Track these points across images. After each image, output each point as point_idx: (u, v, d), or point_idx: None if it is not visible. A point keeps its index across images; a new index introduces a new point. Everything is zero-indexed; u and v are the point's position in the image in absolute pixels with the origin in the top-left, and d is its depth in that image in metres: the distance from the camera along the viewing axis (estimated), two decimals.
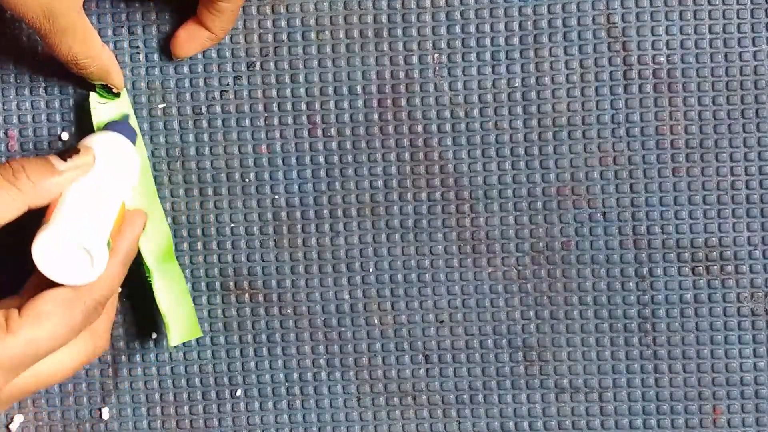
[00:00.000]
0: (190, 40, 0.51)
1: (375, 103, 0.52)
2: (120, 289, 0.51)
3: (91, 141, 0.48)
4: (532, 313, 0.52)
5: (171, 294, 0.51)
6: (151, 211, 0.51)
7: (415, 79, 0.52)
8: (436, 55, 0.51)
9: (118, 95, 0.51)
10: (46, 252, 0.43)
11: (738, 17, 0.51)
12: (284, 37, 0.52)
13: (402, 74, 0.52)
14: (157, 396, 0.53)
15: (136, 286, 0.52)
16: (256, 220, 0.52)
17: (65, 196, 0.45)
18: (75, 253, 0.44)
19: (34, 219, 0.45)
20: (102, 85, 0.51)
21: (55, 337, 0.43)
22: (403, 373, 0.53)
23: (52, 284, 0.44)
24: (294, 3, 0.51)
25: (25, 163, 0.44)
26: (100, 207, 0.45)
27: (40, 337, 0.43)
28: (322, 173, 0.52)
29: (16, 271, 0.51)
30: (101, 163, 0.47)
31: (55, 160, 0.45)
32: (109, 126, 0.50)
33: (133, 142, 0.50)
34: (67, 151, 0.46)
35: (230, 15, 0.50)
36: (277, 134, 0.52)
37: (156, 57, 0.52)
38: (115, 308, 0.50)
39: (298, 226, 0.52)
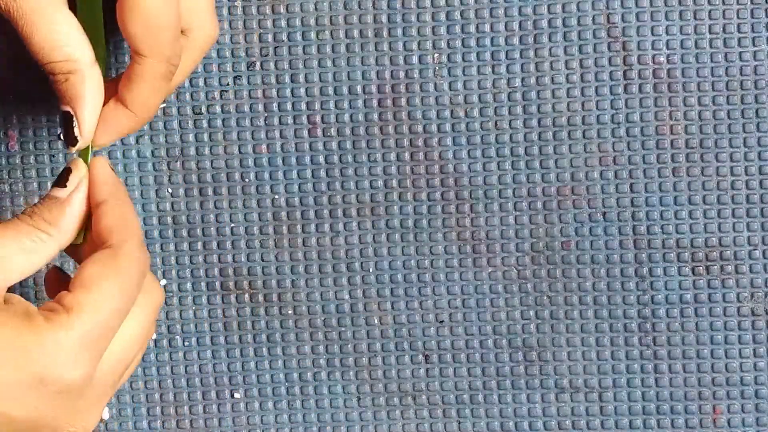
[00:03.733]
0: (105, 122, 0.42)
1: (375, 103, 0.52)
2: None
3: None
4: (532, 313, 0.52)
5: None
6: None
7: (415, 79, 0.52)
8: (436, 55, 0.51)
9: (75, 144, 0.42)
10: None
11: (738, 17, 0.51)
12: (284, 37, 0.52)
13: (402, 74, 0.52)
14: (157, 396, 0.53)
15: None
16: (256, 220, 0.52)
17: None
18: None
19: None
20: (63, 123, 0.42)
21: (116, 298, 0.39)
22: (403, 373, 0.53)
23: None
24: (294, 3, 0.51)
25: (36, 205, 0.41)
26: None
27: (101, 302, 0.39)
28: (322, 173, 0.52)
29: None
30: None
31: (56, 191, 0.41)
32: None
33: None
34: (64, 176, 0.41)
35: (152, 84, 0.41)
36: (277, 134, 0.52)
37: None
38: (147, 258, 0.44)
39: (298, 226, 0.52)
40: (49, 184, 0.52)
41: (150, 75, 0.41)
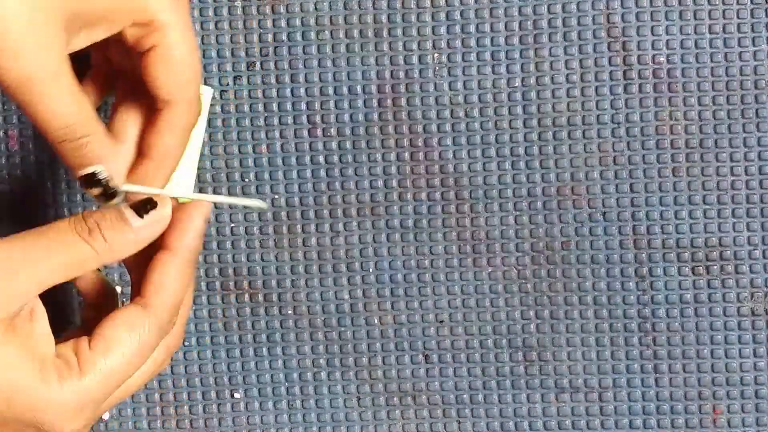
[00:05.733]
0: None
1: (375, 103, 0.52)
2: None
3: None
4: (532, 313, 0.52)
5: None
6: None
7: (415, 79, 0.52)
8: (436, 55, 0.51)
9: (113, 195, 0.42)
10: None
11: (738, 17, 0.51)
12: (284, 37, 0.52)
13: (402, 74, 0.52)
14: (157, 396, 0.53)
15: None
16: (256, 220, 0.52)
17: None
18: None
19: None
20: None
21: (132, 363, 0.40)
22: (403, 373, 0.53)
23: (112, 304, 0.43)
24: (294, 3, 0.51)
25: (101, 220, 0.40)
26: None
27: (116, 368, 0.39)
28: (322, 173, 0.52)
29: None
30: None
31: (131, 216, 0.40)
32: None
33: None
34: (144, 205, 0.40)
35: (180, 133, 0.42)
36: (277, 134, 0.52)
37: None
38: (190, 306, 0.44)
39: (298, 226, 0.52)
40: (49, 185, 0.52)
41: (178, 121, 0.42)
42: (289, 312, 0.53)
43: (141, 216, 0.40)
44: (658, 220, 0.52)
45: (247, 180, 0.52)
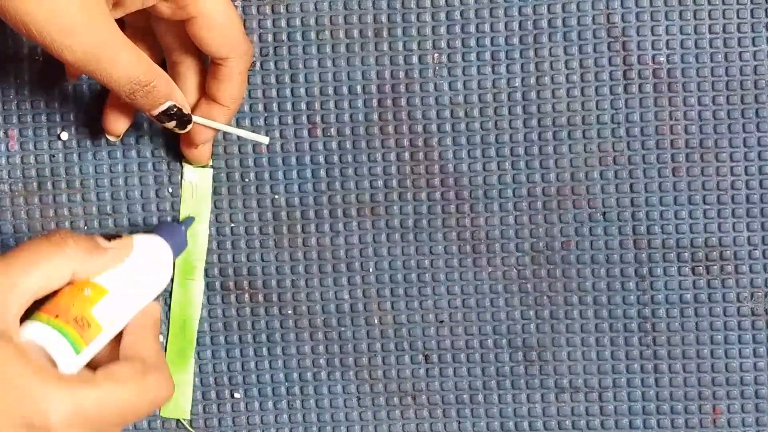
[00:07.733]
0: (206, 117, 0.49)
1: (375, 103, 0.52)
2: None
3: (134, 240, 0.46)
4: (532, 313, 0.52)
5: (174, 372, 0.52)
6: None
7: (415, 79, 0.52)
8: (436, 55, 0.51)
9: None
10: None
11: (738, 17, 0.51)
12: (284, 37, 0.52)
13: (402, 74, 0.52)
14: None
15: None
16: (256, 220, 0.52)
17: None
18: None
19: None
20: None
21: (131, 401, 0.41)
22: (403, 373, 0.53)
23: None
24: (294, 3, 0.51)
25: (72, 233, 0.42)
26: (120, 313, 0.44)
27: (117, 395, 0.40)
28: (322, 173, 0.52)
29: None
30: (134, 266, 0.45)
31: (99, 239, 0.43)
32: (162, 229, 0.48)
33: (180, 250, 0.49)
34: (110, 235, 0.44)
35: (239, 79, 0.48)
36: (277, 134, 0.52)
37: None
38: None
39: (298, 226, 0.52)
40: (50, 184, 0.52)
41: (235, 71, 0.48)
42: (289, 312, 0.53)
43: (108, 241, 0.44)
44: (658, 220, 0.52)
45: (247, 180, 0.52)
